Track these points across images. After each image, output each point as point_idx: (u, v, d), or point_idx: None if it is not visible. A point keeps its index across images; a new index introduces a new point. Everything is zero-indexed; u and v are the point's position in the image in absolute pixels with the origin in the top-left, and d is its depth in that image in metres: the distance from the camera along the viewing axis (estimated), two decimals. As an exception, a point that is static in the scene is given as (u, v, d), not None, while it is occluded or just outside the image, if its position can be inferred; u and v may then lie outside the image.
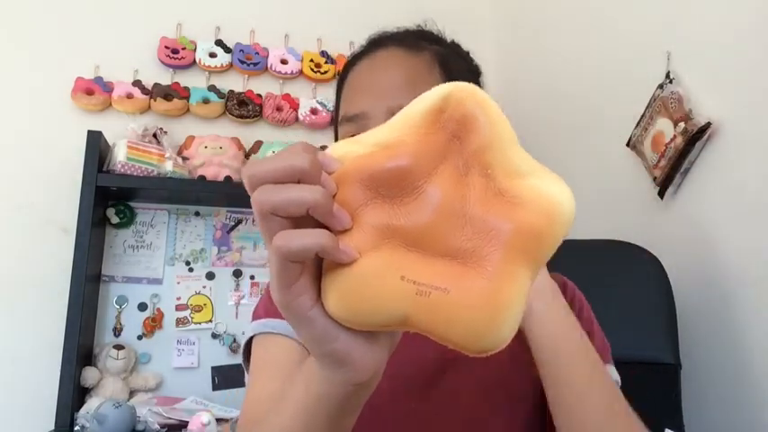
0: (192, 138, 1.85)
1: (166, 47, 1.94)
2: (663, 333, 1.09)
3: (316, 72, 2.02)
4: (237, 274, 1.91)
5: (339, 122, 0.70)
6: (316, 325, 0.37)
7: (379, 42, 0.73)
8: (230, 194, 1.83)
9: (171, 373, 1.81)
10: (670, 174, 1.18)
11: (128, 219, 1.85)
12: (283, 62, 2.02)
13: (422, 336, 0.65)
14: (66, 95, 1.85)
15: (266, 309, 0.74)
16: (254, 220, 1.95)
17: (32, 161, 1.80)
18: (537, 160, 0.36)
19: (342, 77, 0.75)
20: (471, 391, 0.67)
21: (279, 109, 1.97)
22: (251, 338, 0.74)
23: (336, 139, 0.72)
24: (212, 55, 1.97)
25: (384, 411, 0.67)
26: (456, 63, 0.73)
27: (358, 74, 0.71)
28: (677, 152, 1.15)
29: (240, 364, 0.80)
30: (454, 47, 0.77)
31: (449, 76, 0.69)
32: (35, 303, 1.73)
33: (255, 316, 0.76)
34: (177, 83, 1.93)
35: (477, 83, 0.75)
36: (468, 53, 0.79)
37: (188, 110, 1.92)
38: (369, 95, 0.67)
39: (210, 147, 1.82)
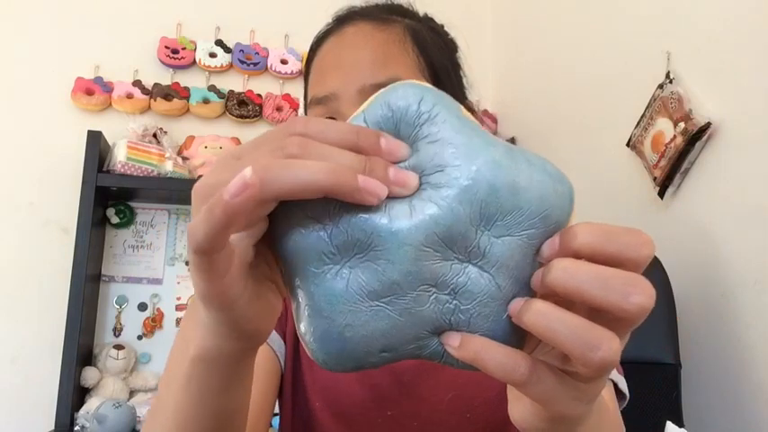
0: (192, 138, 1.85)
1: (166, 47, 1.94)
2: (663, 333, 1.09)
3: (316, 72, 2.02)
4: (237, 274, 1.91)
5: (308, 106, 0.65)
6: (236, 312, 0.32)
7: (345, 18, 0.68)
8: (230, 194, 1.83)
9: (171, 373, 1.81)
10: (670, 174, 1.18)
11: (128, 219, 1.86)
12: (283, 62, 2.02)
13: None
14: (66, 95, 1.85)
15: None
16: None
17: (32, 161, 1.81)
18: None
19: (309, 59, 0.70)
20: (449, 398, 0.65)
21: (279, 109, 1.97)
22: None
23: None
24: (212, 55, 1.97)
25: (358, 420, 0.66)
26: (430, 36, 0.67)
27: (325, 53, 0.66)
28: (677, 152, 1.15)
29: None
30: (427, 20, 0.72)
31: (422, 50, 0.64)
32: (35, 303, 1.73)
33: None
34: (177, 83, 1.93)
35: (453, 59, 0.71)
36: (442, 26, 0.73)
37: (188, 110, 1.92)
38: (338, 75, 0.62)
39: (210, 147, 1.82)
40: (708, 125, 1.10)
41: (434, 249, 0.30)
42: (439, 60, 0.65)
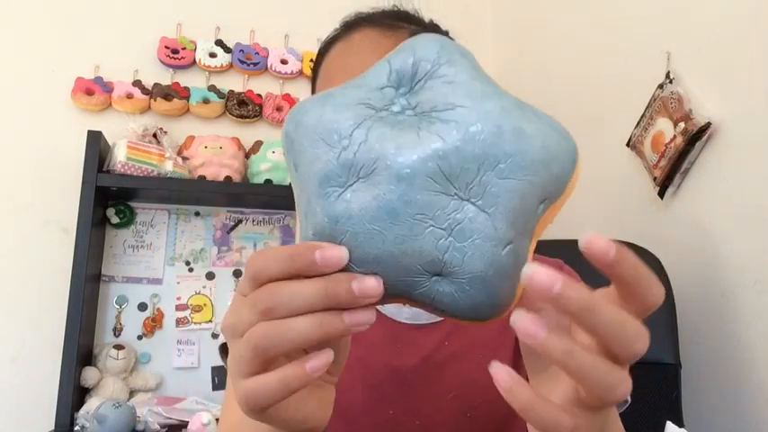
0: (192, 138, 1.85)
1: (166, 47, 1.94)
2: (663, 333, 1.09)
3: (316, 72, 2.02)
4: (237, 274, 1.91)
5: None
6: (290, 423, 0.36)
7: (352, 25, 0.70)
8: (230, 194, 1.83)
9: (171, 373, 1.81)
10: (670, 174, 1.18)
11: (128, 219, 1.86)
12: (283, 62, 2.02)
13: (397, 343, 0.65)
14: (66, 95, 1.85)
15: None
16: (254, 220, 1.95)
17: (32, 161, 1.81)
18: None
19: (317, 63, 0.72)
20: (449, 398, 0.66)
21: (279, 109, 1.97)
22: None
23: None
24: (212, 55, 1.97)
25: (360, 419, 0.66)
26: None
27: (333, 58, 0.68)
28: (677, 152, 1.15)
29: None
30: (432, 26, 0.73)
31: None
32: (35, 303, 1.73)
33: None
34: (177, 83, 1.93)
35: None
36: (447, 33, 0.75)
37: (188, 110, 1.92)
38: (344, 79, 0.63)
39: (210, 147, 1.82)
40: (708, 125, 1.10)
41: (435, 180, 0.31)
42: None
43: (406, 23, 0.69)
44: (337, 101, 0.34)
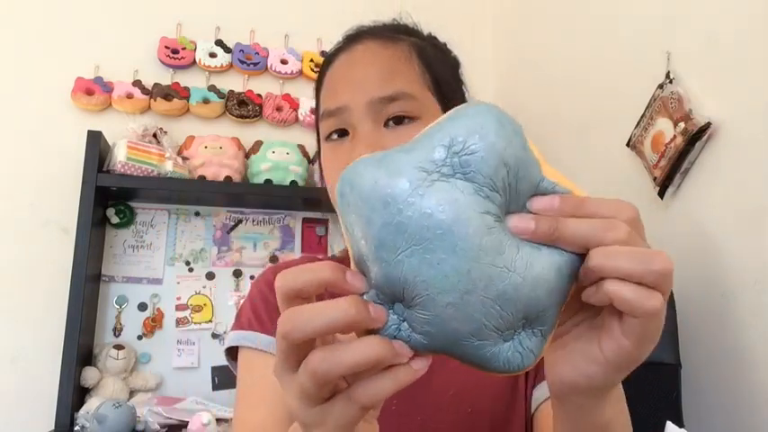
0: (192, 138, 1.85)
1: (166, 47, 1.95)
2: (663, 333, 1.09)
3: (316, 72, 2.01)
4: (237, 273, 1.91)
5: (320, 118, 0.71)
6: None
7: (355, 37, 0.73)
8: (230, 194, 1.83)
9: (171, 373, 1.81)
10: (670, 174, 1.18)
11: (128, 219, 1.86)
12: (283, 62, 2.02)
13: None
14: (66, 95, 1.85)
15: (249, 319, 0.73)
16: (253, 220, 1.96)
17: (32, 161, 1.81)
18: None
19: (320, 75, 0.75)
20: (450, 394, 0.68)
21: (279, 109, 1.97)
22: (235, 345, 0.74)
23: (318, 136, 0.73)
24: (212, 55, 1.97)
25: None
26: (434, 54, 0.72)
27: (336, 69, 0.71)
28: (677, 152, 1.15)
29: None
30: (431, 39, 0.76)
31: (427, 67, 0.69)
32: (35, 303, 1.73)
33: (238, 324, 0.74)
34: (177, 83, 1.93)
35: (456, 75, 0.76)
36: (445, 44, 0.78)
37: (188, 110, 1.92)
38: (348, 89, 0.67)
39: (210, 147, 1.82)
40: (708, 125, 1.10)
41: (487, 253, 0.33)
42: (442, 75, 0.70)
43: (406, 36, 0.72)
44: (392, 166, 0.34)
